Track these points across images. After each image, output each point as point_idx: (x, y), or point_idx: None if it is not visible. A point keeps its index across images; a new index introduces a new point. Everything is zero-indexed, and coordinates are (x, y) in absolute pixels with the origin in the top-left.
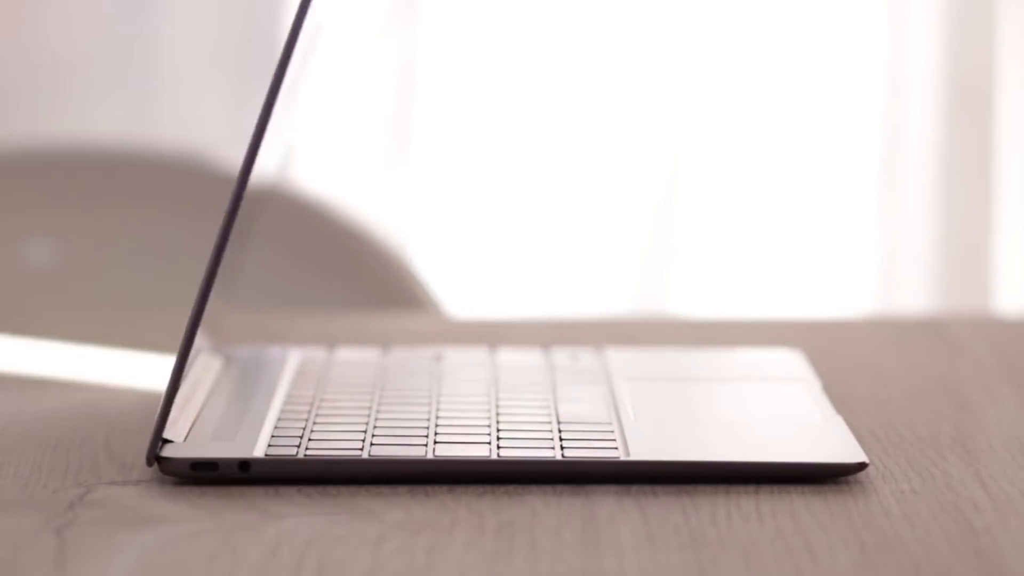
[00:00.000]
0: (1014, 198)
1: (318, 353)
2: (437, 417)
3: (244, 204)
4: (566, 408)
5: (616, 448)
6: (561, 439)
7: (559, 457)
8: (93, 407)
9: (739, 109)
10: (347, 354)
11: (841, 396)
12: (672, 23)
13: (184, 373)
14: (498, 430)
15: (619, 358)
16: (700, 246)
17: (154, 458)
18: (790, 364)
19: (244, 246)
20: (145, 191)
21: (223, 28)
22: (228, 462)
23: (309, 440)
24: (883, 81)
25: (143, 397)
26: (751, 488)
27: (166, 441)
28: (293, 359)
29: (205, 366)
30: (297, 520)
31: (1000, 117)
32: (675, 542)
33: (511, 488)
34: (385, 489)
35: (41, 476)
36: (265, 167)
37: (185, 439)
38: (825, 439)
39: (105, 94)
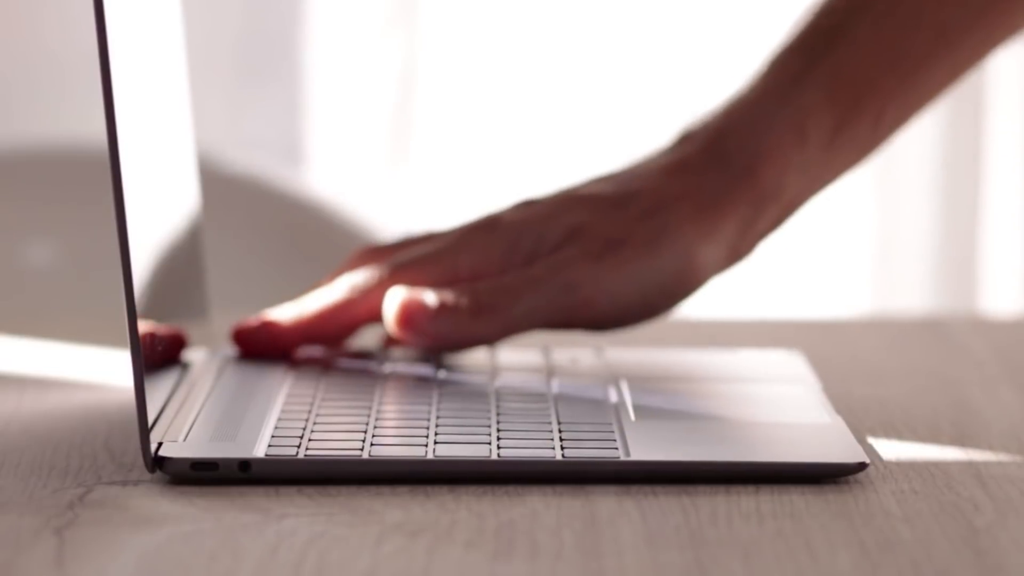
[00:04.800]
0: (1012, 197)
1: (318, 353)
2: (437, 417)
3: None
4: (566, 408)
5: (616, 448)
6: (561, 439)
7: (559, 457)
8: (93, 407)
9: None
10: (347, 354)
11: (841, 396)
12: (671, 24)
13: (146, 378)
14: (498, 430)
15: (619, 358)
16: None
17: (153, 464)
18: (790, 365)
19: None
20: None
21: (222, 28)
22: (228, 462)
23: (309, 440)
24: None
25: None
26: (751, 488)
27: (159, 445)
28: (293, 359)
29: (205, 366)
30: (297, 520)
31: (997, 115)
32: (675, 542)
33: (511, 488)
34: (385, 489)
35: (41, 476)
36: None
37: (185, 439)
38: (825, 439)
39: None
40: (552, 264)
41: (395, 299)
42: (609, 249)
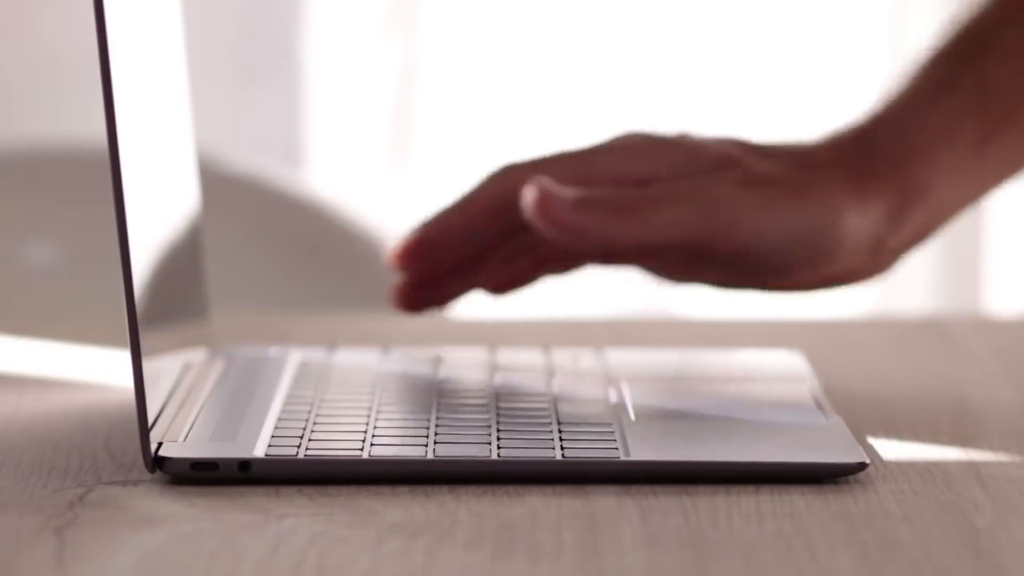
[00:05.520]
0: (1014, 198)
1: (318, 353)
2: (437, 417)
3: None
4: (566, 408)
5: (616, 448)
6: (561, 439)
7: (559, 457)
8: (93, 407)
9: (739, 108)
10: (347, 354)
11: (841, 396)
12: (672, 23)
13: (145, 377)
14: (498, 430)
15: (619, 358)
16: None
17: (153, 464)
18: (790, 365)
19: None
20: None
21: (222, 28)
22: (228, 462)
23: (309, 440)
24: (882, 80)
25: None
26: (751, 488)
27: (159, 445)
28: (293, 359)
29: (205, 366)
30: (297, 520)
31: None
32: (675, 542)
33: (511, 488)
34: (385, 489)
35: (41, 476)
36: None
37: (185, 439)
38: (825, 439)
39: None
40: (699, 182)
41: (535, 186)
42: (759, 183)
